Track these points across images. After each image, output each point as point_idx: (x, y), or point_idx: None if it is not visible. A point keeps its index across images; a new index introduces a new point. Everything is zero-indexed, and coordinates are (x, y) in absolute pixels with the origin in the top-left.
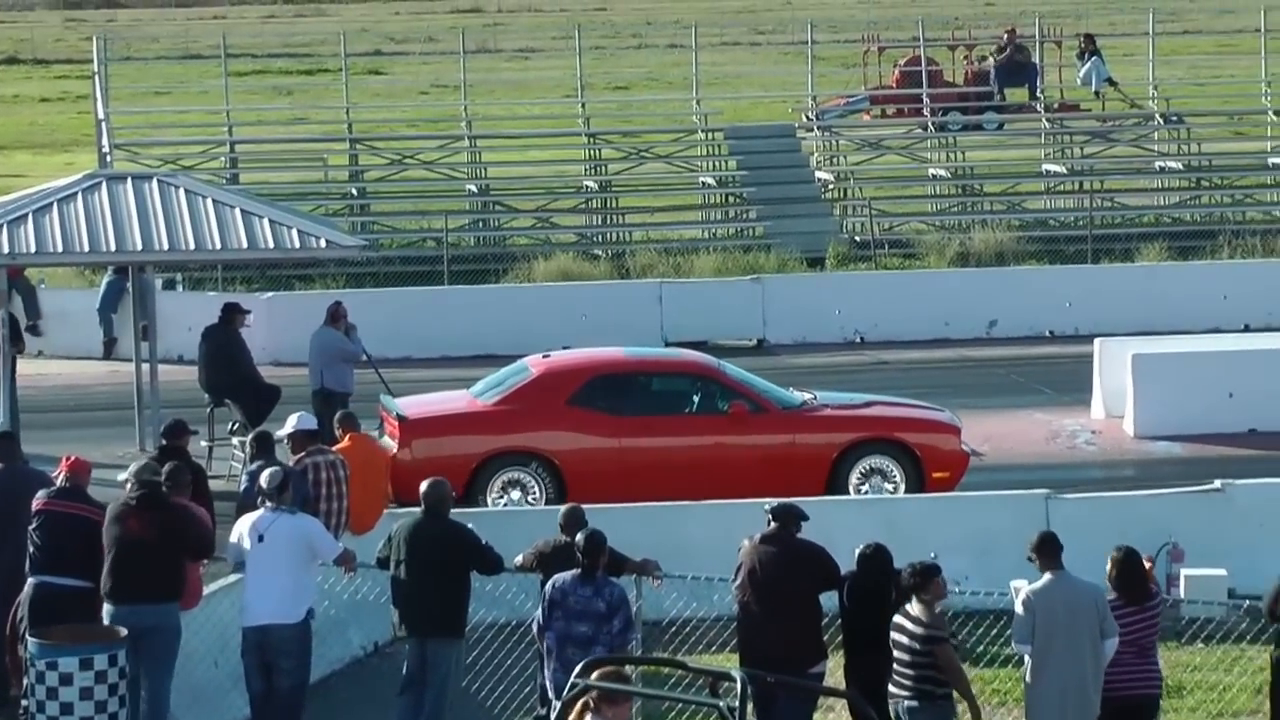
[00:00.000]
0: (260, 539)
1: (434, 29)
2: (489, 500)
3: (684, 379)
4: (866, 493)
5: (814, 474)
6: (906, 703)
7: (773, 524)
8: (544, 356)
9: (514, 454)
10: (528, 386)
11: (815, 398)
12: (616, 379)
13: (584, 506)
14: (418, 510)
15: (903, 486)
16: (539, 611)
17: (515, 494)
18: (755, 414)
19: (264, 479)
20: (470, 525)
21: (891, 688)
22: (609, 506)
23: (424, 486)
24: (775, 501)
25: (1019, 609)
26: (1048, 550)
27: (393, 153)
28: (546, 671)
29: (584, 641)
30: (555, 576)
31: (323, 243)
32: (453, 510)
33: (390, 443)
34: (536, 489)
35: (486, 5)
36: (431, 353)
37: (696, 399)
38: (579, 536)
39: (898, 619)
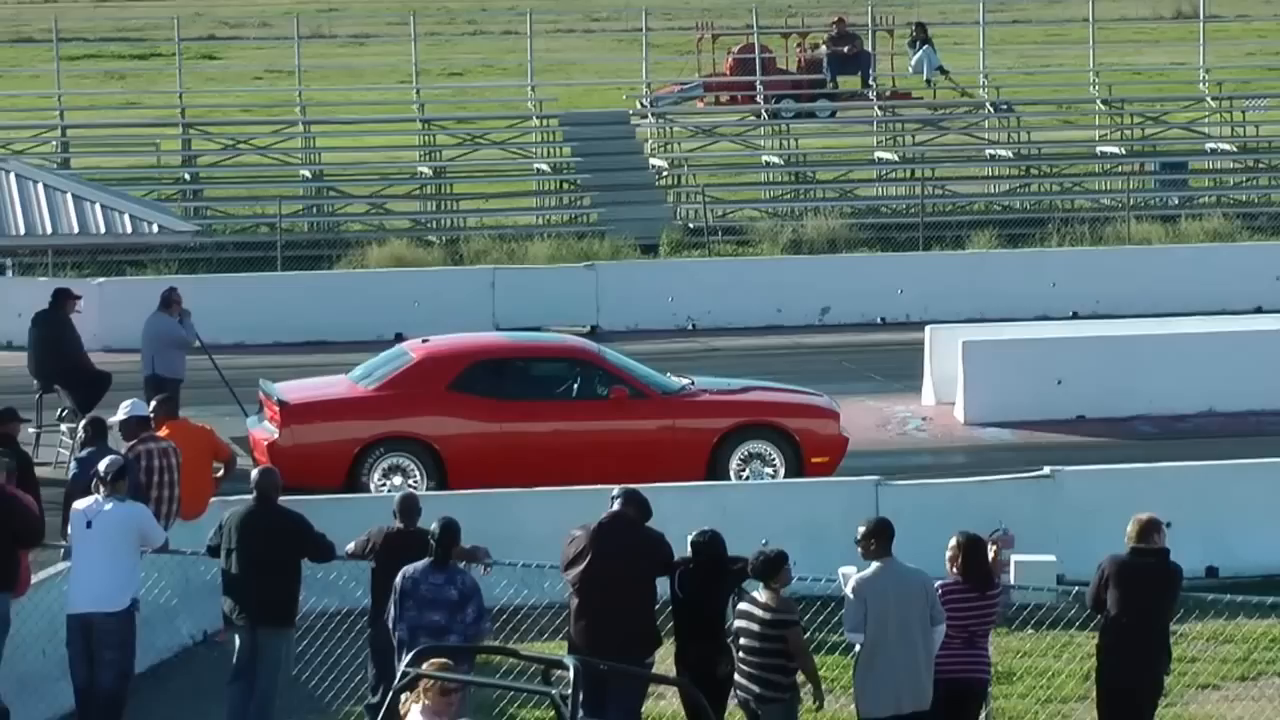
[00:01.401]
0: (88, 525)
1: (268, 13)
2: (370, 486)
3: (564, 364)
4: (746, 477)
5: (694, 459)
6: (758, 692)
7: (615, 506)
8: (423, 341)
9: (395, 439)
10: (408, 372)
11: (694, 383)
12: (497, 364)
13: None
14: (249, 498)
15: (782, 471)
16: (390, 605)
17: (397, 479)
18: (635, 399)
19: (103, 466)
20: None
21: (739, 679)
22: (438, 494)
23: (254, 474)
24: (622, 488)
25: (850, 597)
26: (882, 536)
27: (226, 138)
28: (400, 663)
29: (437, 630)
30: (406, 566)
31: (155, 228)
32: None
33: (271, 428)
34: (417, 474)
35: None
36: (264, 339)
37: (576, 384)
38: (434, 525)
39: (745, 607)
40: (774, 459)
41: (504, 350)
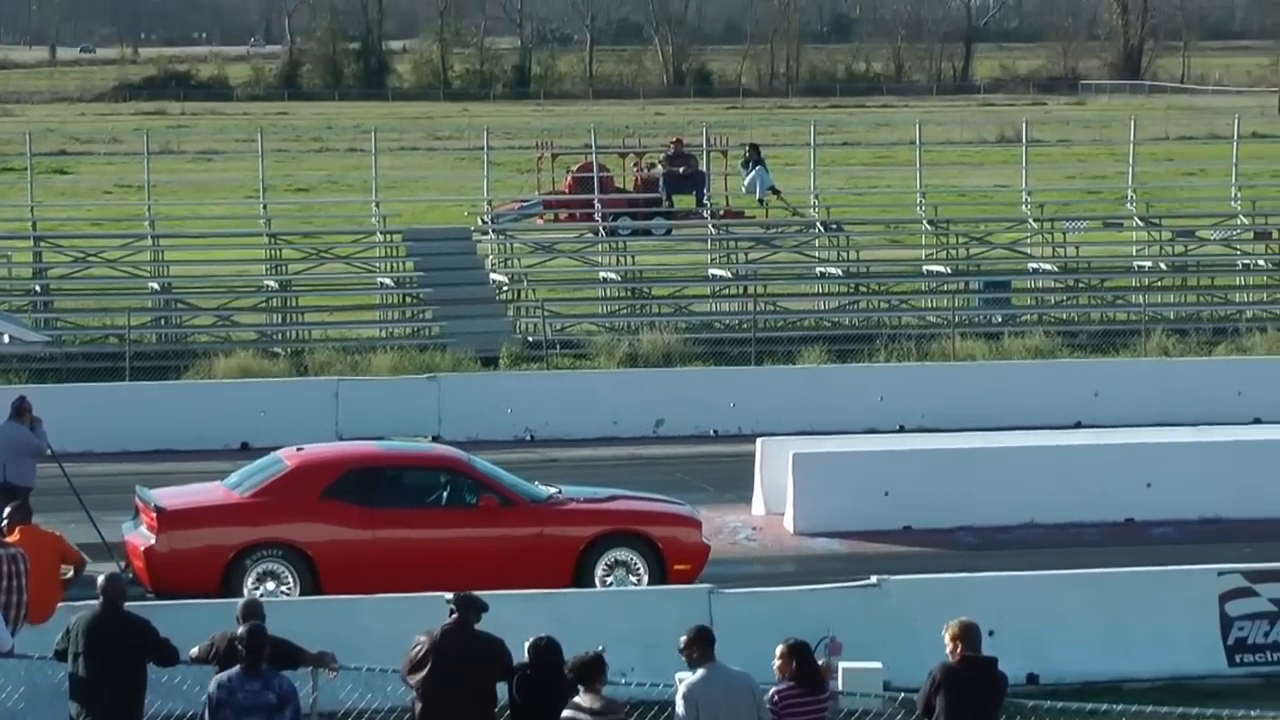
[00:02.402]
0: None
1: (119, 130)
2: (245, 591)
3: (435, 473)
4: (611, 584)
5: (561, 566)
6: None
7: (454, 615)
8: (297, 450)
9: (269, 545)
10: (283, 479)
11: (561, 491)
12: (370, 472)
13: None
14: (95, 603)
15: (646, 578)
16: (204, 713)
17: (270, 585)
18: (504, 507)
19: None
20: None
21: None
22: (284, 600)
23: (101, 580)
24: (455, 593)
25: (679, 704)
26: (703, 643)
27: (77, 251)
28: None
29: None
30: (218, 675)
31: (6, 338)
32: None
33: (148, 533)
34: (291, 580)
35: (170, 108)
36: (112, 447)
37: (447, 492)
38: (240, 630)
39: (570, 714)
40: (638, 566)
41: (377, 459)
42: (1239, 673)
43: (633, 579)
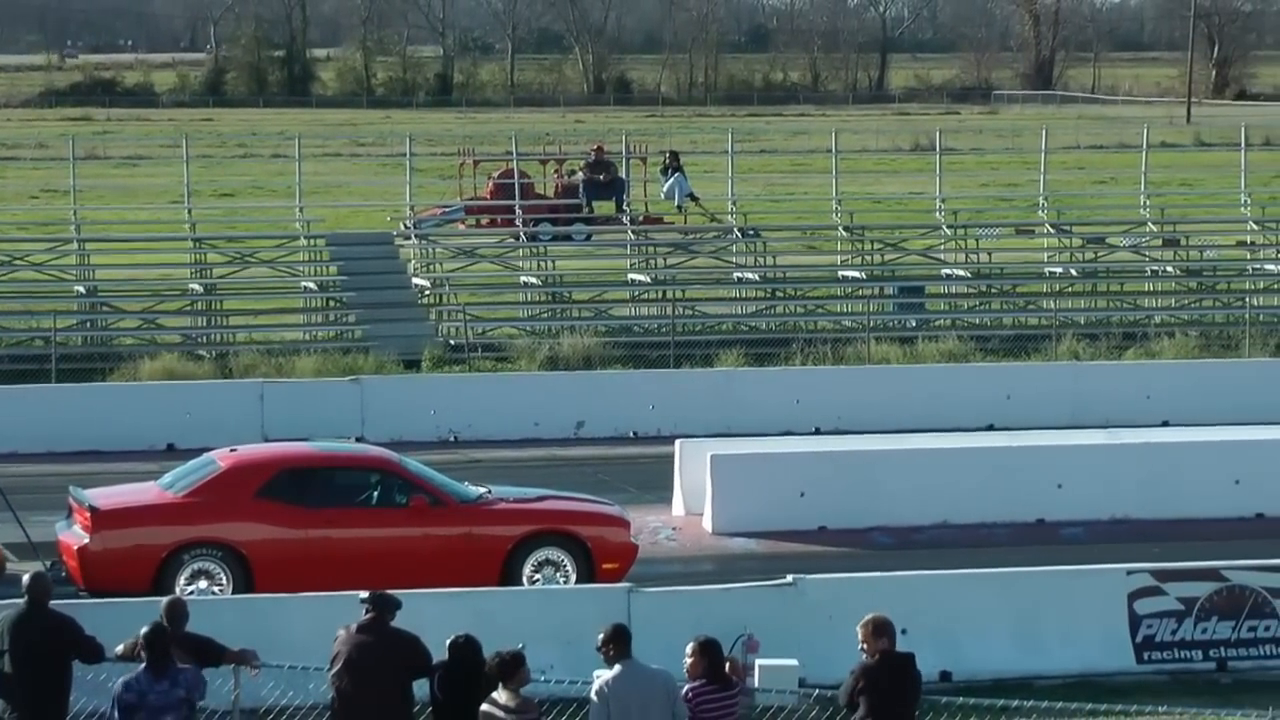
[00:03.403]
0: None
1: (45, 135)
2: (178, 589)
3: (367, 473)
4: (539, 583)
5: (490, 565)
6: None
7: (368, 613)
8: (231, 450)
9: (202, 544)
10: (216, 479)
11: (490, 491)
12: (303, 472)
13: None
14: (20, 601)
15: (574, 577)
16: (113, 712)
17: (203, 583)
18: (434, 507)
19: None
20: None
21: None
22: (210, 599)
23: (26, 579)
24: (370, 591)
25: (594, 700)
26: (620, 641)
27: (3, 254)
28: None
29: None
30: (124, 678)
31: None
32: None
33: (81, 533)
34: (224, 578)
35: (96, 114)
36: (38, 448)
37: (378, 492)
38: (142, 631)
39: (487, 709)
40: (566, 565)
41: (309, 459)
42: (1147, 670)
43: (561, 578)
